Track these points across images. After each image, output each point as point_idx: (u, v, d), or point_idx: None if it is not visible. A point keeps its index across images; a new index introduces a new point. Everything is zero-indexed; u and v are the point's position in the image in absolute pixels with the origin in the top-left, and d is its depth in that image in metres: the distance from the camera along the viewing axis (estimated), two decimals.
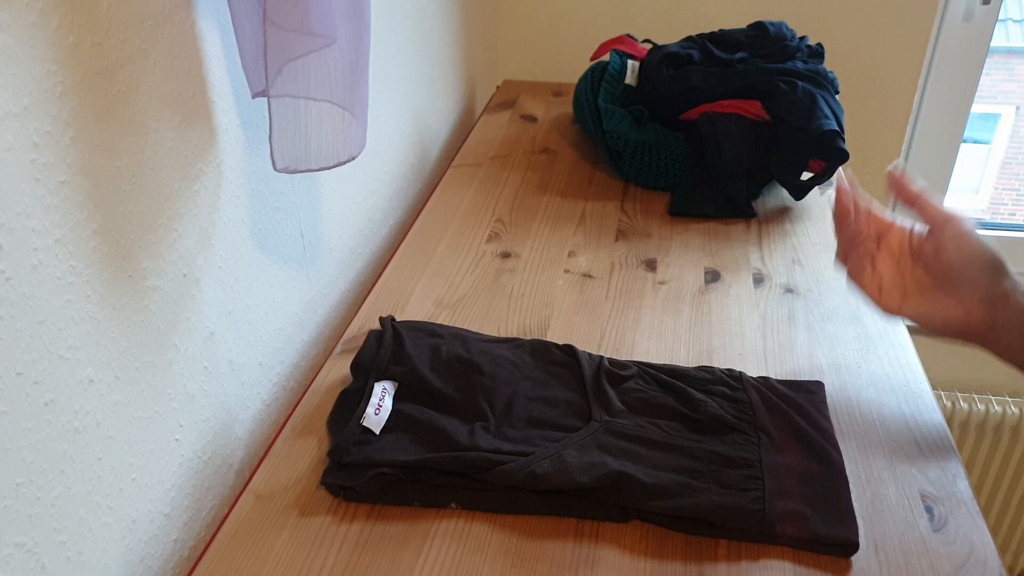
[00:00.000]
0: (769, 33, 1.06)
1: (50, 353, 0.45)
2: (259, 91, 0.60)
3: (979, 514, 0.59)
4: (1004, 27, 4.48)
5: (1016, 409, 1.62)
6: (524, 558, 0.56)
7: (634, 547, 0.57)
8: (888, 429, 0.67)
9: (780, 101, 0.99)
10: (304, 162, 0.60)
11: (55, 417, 0.46)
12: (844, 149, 0.96)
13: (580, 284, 0.87)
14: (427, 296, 0.84)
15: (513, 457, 0.59)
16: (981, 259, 0.64)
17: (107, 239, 0.49)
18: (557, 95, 1.40)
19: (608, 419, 0.64)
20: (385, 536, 0.58)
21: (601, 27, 1.50)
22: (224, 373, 0.65)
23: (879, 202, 0.71)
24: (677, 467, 0.60)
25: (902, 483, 0.62)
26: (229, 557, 0.56)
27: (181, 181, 0.57)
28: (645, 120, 1.06)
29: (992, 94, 4.70)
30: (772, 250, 0.94)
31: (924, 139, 1.54)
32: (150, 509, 0.57)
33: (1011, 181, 4.86)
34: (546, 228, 0.98)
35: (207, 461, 0.64)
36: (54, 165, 0.44)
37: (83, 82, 0.46)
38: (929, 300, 0.67)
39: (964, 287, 0.65)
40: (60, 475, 0.47)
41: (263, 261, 0.70)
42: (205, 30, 0.58)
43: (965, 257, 0.65)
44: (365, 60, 0.61)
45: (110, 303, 0.50)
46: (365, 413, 0.62)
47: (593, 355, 0.71)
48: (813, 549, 0.56)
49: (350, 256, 0.91)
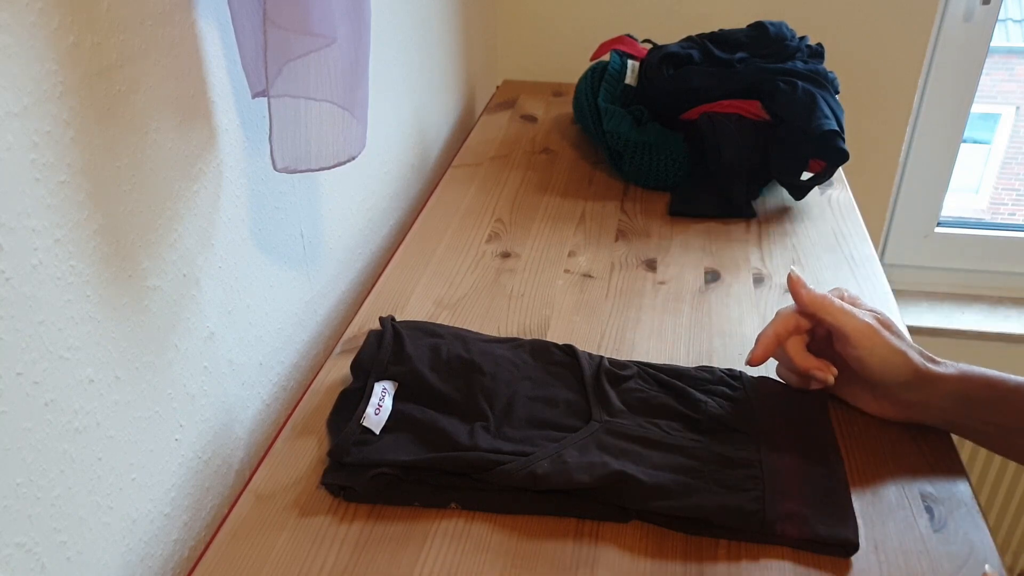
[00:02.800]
0: (769, 33, 1.06)
1: (50, 353, 0.45)
2: (259, 91, 0.60)
3: (979, 514, 0.59)
4: (1004, 27, 4.48)
5: None
6: (524, 558, 0.56)
7: (634, 547, 0.57)
8: (888, 429, 0.67)
9: (780, 101, 0.99)
10: (304, 162, 0.60)
11: (55, 417, 0.46)
12: (844, 149, 0.96)
13: (580, 284, 0.87)
14: (427, 296, 0.84)
15: (513, 457, 0.59)
16: (890, 377, 0.63)
17: (107, 239, 0.49)
18: (557, 95, 1.40)
19: (608, 419, 0.64)
20: (385, 536, 0.57)
21: (601, 27, 1.50)
22: (224, 373, 0.65)
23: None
24: (677, 467, 0.60)
25: (902, 483, 0.62)
26: (229, 557, 0.56)
27: (181, 181, 0.57)
28: (645, 120, 1.06)
29: (992, 94, 4.69)
30: (772, 250, 0.94)
31: (924, 139, 1.54)
32: (150, 509, 0.57)
33: (1011, 181, 4.86)
34: (546, 228, 0.98)
35: (207, 461, 0.64)
36: (54, 165, 0.44)
37: (83, 82, 0.46)
38: (848, 391, 0.68)
39: (877, 391, 0.65)
40: (60, 475, 0.47)
41: (263, 261, 0.70)
42: (205, 30, 0.58)
43: (872, 373, 0.63)
44: (365, 60, 0.61)
45: (110, 303, 0.50)
46: (365, 413, 0.62)
47: (593, 355, 0.71)
48: (813, 549, 0.56)
49: (350, 256, 0.91)
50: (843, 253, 0.93)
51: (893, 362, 0.62)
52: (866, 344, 0.62)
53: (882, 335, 0.62)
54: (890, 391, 0.64)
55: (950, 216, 1.64)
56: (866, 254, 0.93)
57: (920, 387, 0.63)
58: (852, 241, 0.96)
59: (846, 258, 0.92)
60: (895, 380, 0.63)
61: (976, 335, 1.56)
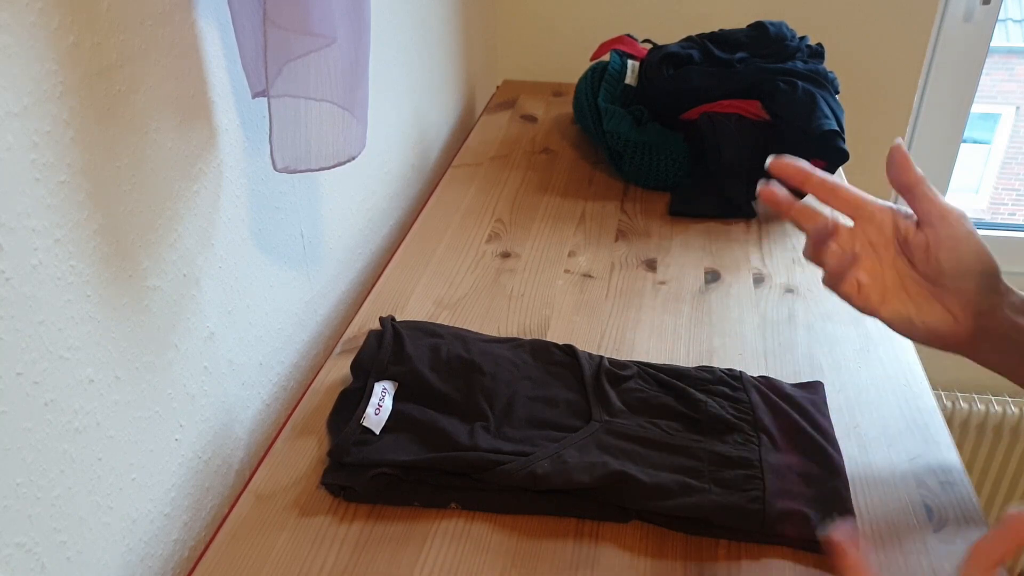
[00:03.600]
0: (769, 33, 1.06)
1: (50, 353, 0.45)
2: (259, 91, 0.60)
3: (979, 514, 0.59)
4: (1004, 27, 4.48)
5: (1016, 409, 1.62)
6: (524, 558, 0.56)
7: (634, 547, 0.57)
8: (888, 429, 0.67)
9: (780, 101, 0.99)
10: (304, 162, 0.60)
11: (55, 417, 0.46)
12: (844, 149, 0.96)
13: (580, 284, 0.87)
14: (427, 296, 0.84)
15: (513, 457, 0.59)
16: (979, 268, 0.57)
17: (107, 239, 0.49)
18: (557, 95, 1.40)
19: (608, 419, 0.64)
20: (385, 536, 0.57)
21: (601, 27, 1.50)
22: (224, 373, 0.65)
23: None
24: (677, 467, 0.60)
25: (902, 483, 0.62)
26: (229, 557, 0.56)
27: (181, 181, 0.57)
28: (645, 120, 1.06)
29: (992, 94, 4.69)
30: (772, 250, 0.94)
31: (924, 139, 1.54)
32: (150, 509, 0.57)
33: (1011, 181, 4.86)
34: (546, 228, 0.98)
35: (207, 461, 0.64)
36: (54, 165, 0.44)
37: (83, 82, 0.46)
38: (913, 302, 0.59)
39: (955, 294, 0.58)
40: (60, 475, 0.47)
41: (263, 261, 0.70)
42: (205, 30, 0.58)
43: (962, 264, 0.57)
44: (365, 60, 0.61)
45: (110, 303, 0.50)
46: (365, 413, 0.62)
47: (593, 355, 0.71)
48: (813, 549, 0.56)
49: (350, 256, 0.91)
50: None
51: (981, 249, 0.58)
52: (964, 224, 0.58)
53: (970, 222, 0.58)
54: (968, 292, 0.58)
55: None
56: None
57: (998, 292, 0.58)
58: None
59: None
60: (982, 269, 0.57)
61: None
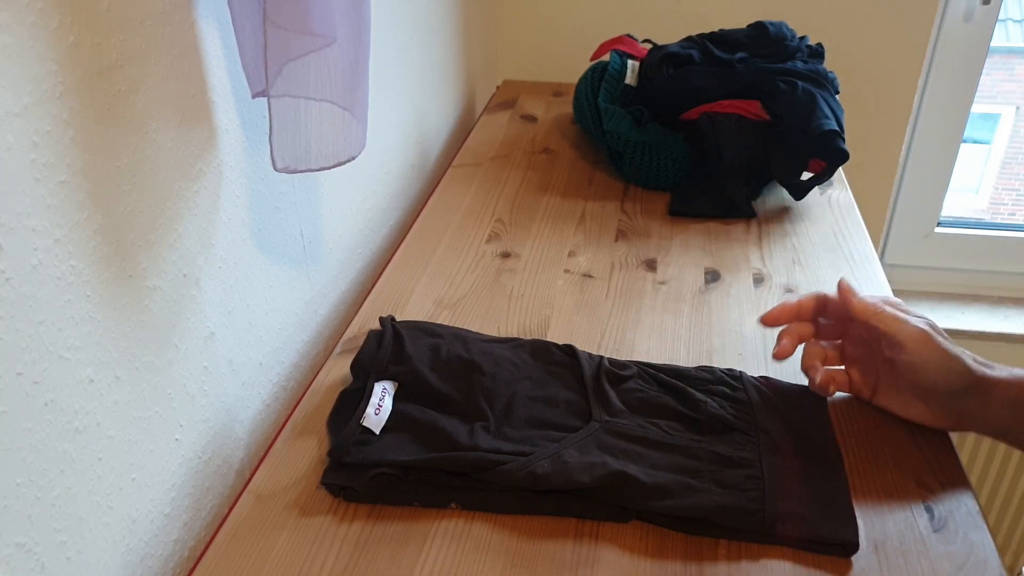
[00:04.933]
0: (769, 33, 1.06)
1: (50, 353, 0.45)
2: (259, 91, 0.60)
3: (979, 514, 0.59)
4: (1004, 27, 4.47)
5: None
6: (524, 558, 0.56)
7: (634, 547, 0.57)
8: (888, 429, 0.67)
9: (780, 101, 0.99)
10: (304, 162, 0.60)
11: (55, 417, 0.46)
12: (844, 149, 0.96)
13: (580, 284, 0.87)
14: (427, 296, 0.84)
15: (513, 457, 0.59)
16: (944, 387, 0.61)
17: (107, 239, 0.49)
18: (557, 95, 1.40)
19: (608, 419, 0.64)
20: (385, 536, 0.57)
21: (601, 27, 1.50)
22: (224, 373, 0.65)
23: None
24: (677, 467, 0.60)
25: (902, 483, 0.62)
26: (229, 557, 0.56)
27: (181, 181, 0.57)
28: (645, 120, 1.06)
29: (992, 94, 4.69)
30: (772, 250, 0.94)
31: (924, 139, 1.54)
32: (150, 509, 0.57)
33: (1011, 181, 4.86)
34: (546, 228, 0.98)
35: (207, 461, 0.64)
36: (54, 165, 0.44)
37: (83, 82, 0.46)
38: (899, 398, 0.65)
39: (934, 399, 0.63)
40: (60, 475, 0.47)
41: (263, 261, 0.70)
42: (205, 30, 0.58)
43: (928, 383, 0.62)
44: (365, 60, 0.61)
45: (110, 303, 0.50)
46: (365, 413, 0.62)
47: (593, 355, 0.71)
48: (813, 549, 0.56)
49: (350, 256, 0.91)
50: (843, 253, 0.93)
51: (950, 368, 0.60)
52: (922, 351, 0.60)
53: (937, 341, 0.60)
54: (944, 399, 0.62)
55: (950, 216, 1.64)
56: (866, 254, 0.93)
57: (976, 393, 0.61)
58: (852, 241, 0.96)
59: (846, 258, 0.92)
60: (952, 387, 0.61)
61: (976, 335, 1.55)
